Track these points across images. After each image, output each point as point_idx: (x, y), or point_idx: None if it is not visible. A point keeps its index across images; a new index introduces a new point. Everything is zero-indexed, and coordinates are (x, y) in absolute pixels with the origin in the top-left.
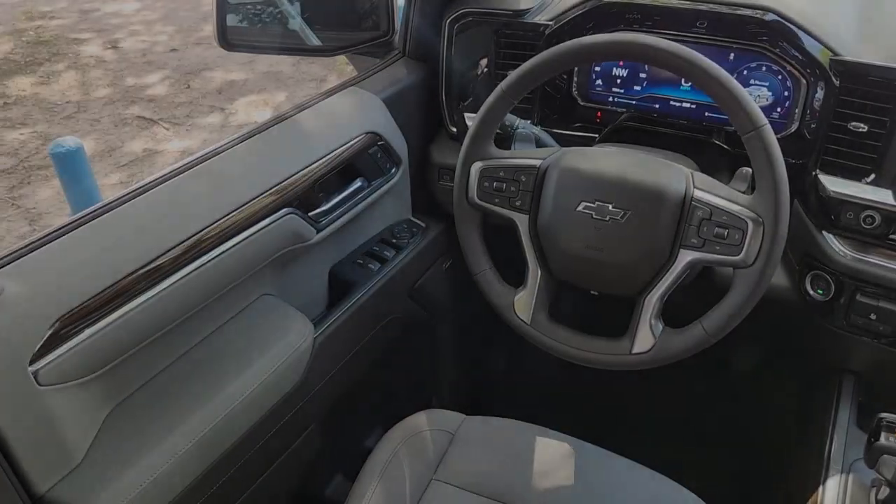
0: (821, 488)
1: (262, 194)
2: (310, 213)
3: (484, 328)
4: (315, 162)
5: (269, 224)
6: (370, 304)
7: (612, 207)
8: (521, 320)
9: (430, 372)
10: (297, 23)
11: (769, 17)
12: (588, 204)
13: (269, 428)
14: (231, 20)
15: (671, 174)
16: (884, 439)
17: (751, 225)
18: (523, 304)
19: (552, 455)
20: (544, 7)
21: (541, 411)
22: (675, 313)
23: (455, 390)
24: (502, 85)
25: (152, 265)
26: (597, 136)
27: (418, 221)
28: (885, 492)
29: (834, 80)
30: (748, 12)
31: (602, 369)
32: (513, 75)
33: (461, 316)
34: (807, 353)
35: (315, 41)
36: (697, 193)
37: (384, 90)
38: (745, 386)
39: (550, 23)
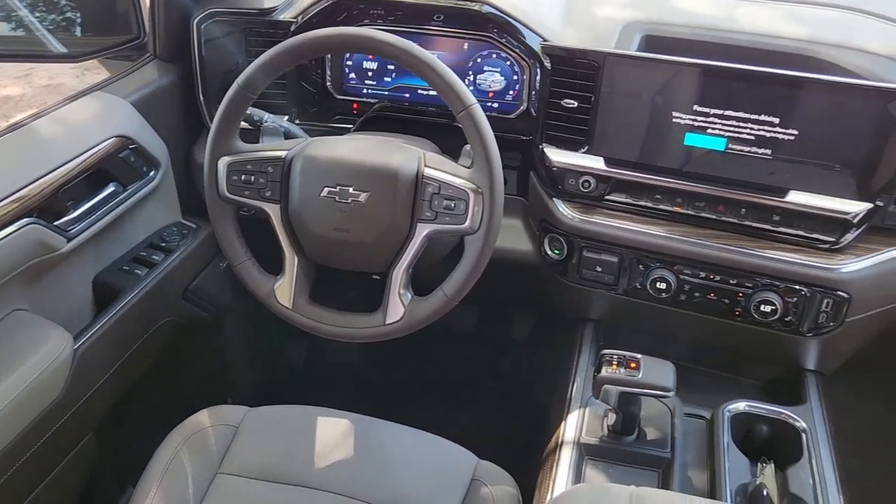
0: (563, 424)
1: None
2: (56, 222)
3: (278, 321)
4: (56, 168)
5: (6, 236)
6: (138, 309)
7: (353, 190)
8: (283, 306)
9: (221, 370)
10: (35, 27)
11: (486, 9)
12: (331, 189)
13: (30, 445)
14: None
15: (404, 155)
16: (605, 371)
17: (472, 195)
18: (284, 290)
19: (336, 433)
20: (291, 4)
21: (338, 394)
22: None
23: (252, 385)
24: (238, 80)
25: None
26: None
27: (189, 223)
28: (612, 417)
29: (546, 63)
30: (466, 5)
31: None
32: (247, 70)
33: (249, 312)
34: (555, 307)
35: (60, 47)
36: (427, 171)
37: (134, 93)
38: (513, 345)
39: (296, 19)
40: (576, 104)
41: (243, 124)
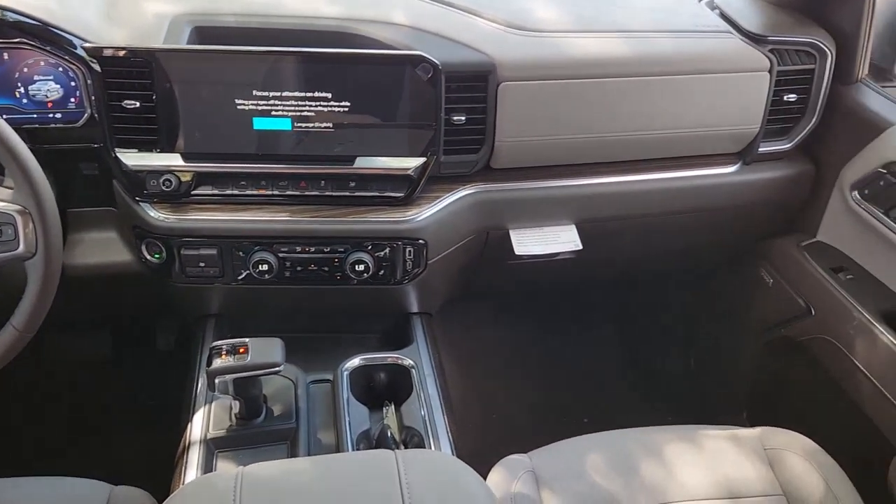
0: (189, 425)
1: None
2: None
3: None
4: None
5: None
6: None
7: None
8: None
9: None
10: None
11: (10, 16)
12: None
13: None
14: None
15: None
16: (215, 363)
17: (19, 217)
18: None
19: None
20: None
21: None
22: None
23: None
24: None
25: None
26: None
27: None
28: (237, 405)
29: (94, 65)
30: None
31: None
32: None
33: None
34: (175, 310)
35: None
36: None
37: None
38: (163, 356)
39: None
40: (138, 104)
41: None
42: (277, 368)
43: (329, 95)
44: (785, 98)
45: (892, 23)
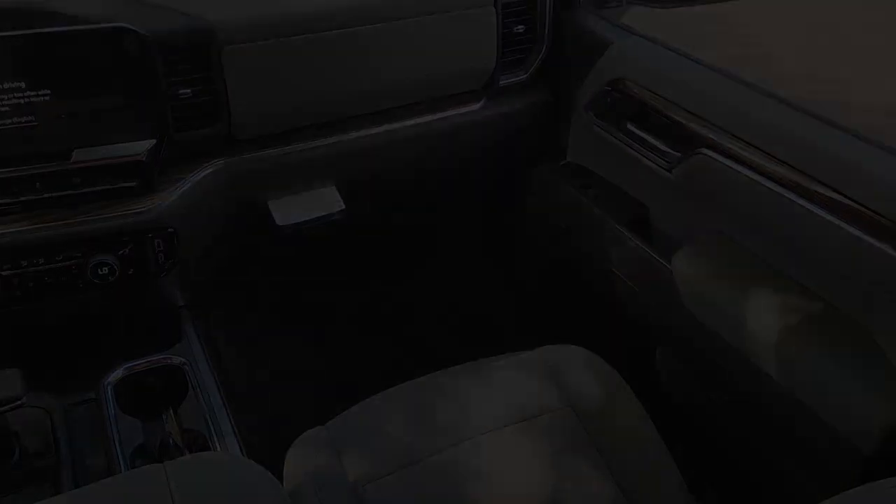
0: None
1: None
2: None
3: None
4: None
5: None
6: None
7: None
8: None
9: None
10: None
11: None
12: None
13: None
14: None
15: None
16: None
17: None
18: None
19: None
20: None
21: None
22: None
23: None
24: None
25: None
26: None
27: None
28: None
29: None
30: None
31: None
32: None
33: None
34: None
35: None
36: None
37: None
38: None
39: None
40: None
41: None
42: (19, 402)
43: (23, 85)
44: (514, 30)
45: None
